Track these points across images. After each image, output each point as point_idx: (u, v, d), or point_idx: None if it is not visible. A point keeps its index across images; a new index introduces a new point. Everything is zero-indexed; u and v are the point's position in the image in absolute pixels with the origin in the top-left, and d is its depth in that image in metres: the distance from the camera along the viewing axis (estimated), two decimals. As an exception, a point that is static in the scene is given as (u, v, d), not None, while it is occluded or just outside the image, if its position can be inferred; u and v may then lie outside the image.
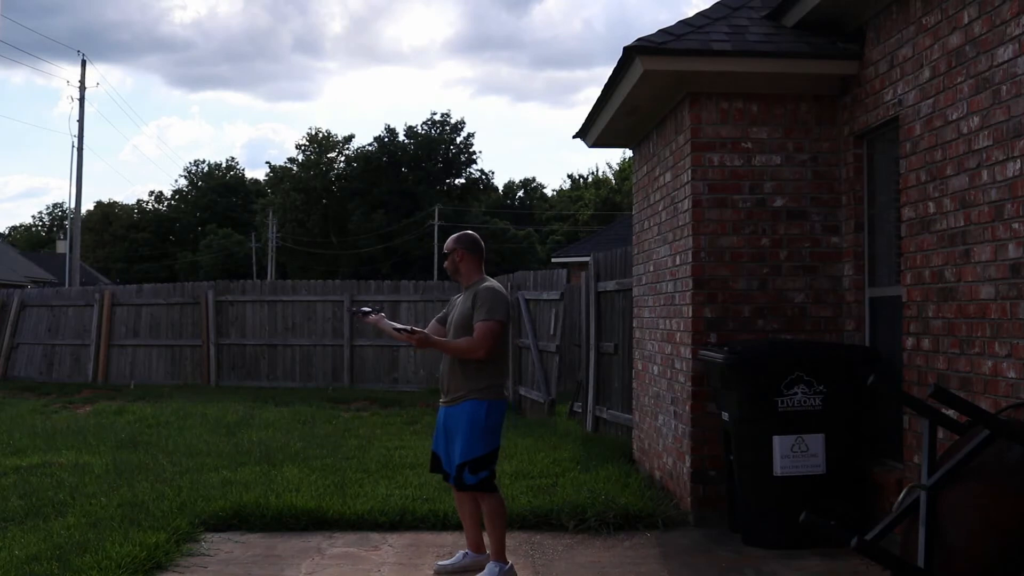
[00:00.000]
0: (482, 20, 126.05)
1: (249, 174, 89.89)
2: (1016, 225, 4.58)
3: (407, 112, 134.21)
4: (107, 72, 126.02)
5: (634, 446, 9.01)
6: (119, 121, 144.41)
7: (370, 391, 16.29)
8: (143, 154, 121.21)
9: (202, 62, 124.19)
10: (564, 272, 13.31)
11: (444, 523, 6.58)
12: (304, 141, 68.48)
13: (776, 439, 5.89)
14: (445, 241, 5.66)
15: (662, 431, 7.66)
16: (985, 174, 4.87)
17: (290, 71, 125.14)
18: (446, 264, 5.55)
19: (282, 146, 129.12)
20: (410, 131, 66.15)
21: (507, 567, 5.33)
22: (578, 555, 5.96)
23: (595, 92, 8.16)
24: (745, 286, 6.71)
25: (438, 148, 65.96)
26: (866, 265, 6.59)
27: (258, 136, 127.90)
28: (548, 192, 78.29)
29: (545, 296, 12.97)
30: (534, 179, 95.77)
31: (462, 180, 67.92)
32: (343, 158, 67.79)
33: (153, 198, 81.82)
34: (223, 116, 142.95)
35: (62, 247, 54.61)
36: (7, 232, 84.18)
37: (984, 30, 4.89)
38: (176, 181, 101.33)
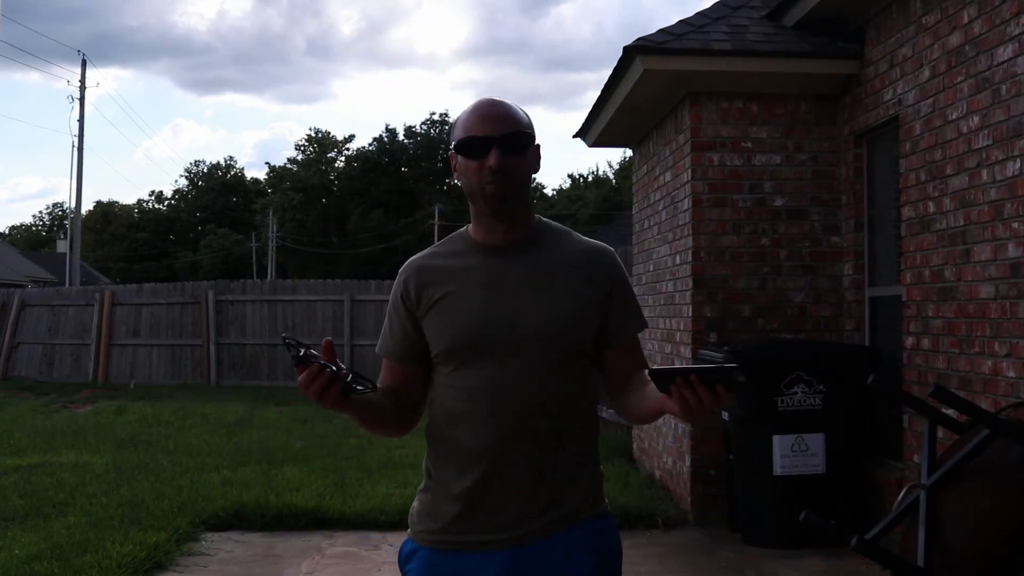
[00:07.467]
0: (496, 23, 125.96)
1: (249, 174, 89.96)
2: (1016, 224, 4.59)
3: (416, 115, 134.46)
4: (121, 76, 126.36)
5: (634, 445, 9.02)
6: (131, 125, 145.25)
7: (370, 391, 16.25)
8: (151, 158, 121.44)
9: (215, 66, 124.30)
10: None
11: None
12: (303, 141, 68.60)
13: (776, 439, 5.89)
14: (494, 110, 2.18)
15: (662, 430, 7.66)
16: (985, 173, 4.87)
17: (303, 74, 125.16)
18: (499, 175, 2.14)
19: (293, 149, 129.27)
20: (409, 131, 66.17)
21: None
22: (578, 555, 5.95)
23: (598, 94, 8.15)
24: (745, 285, 6.71)
25: (437, 147, 66.00)
26: (866, 265, 6.59)
27: (271, 138, 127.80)
28: (548, 192, 78.32)
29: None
30: (534, 179, 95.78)
31: (462, 179, 67.91)
32: (343, 158, 67.86)
33: (153, 198, 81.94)
34: (235, 119, 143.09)
35: (62, 246, 54.56)
36: (7, 231, 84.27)
37: (984, 30, 4.89)
38: (176, 181, 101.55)
